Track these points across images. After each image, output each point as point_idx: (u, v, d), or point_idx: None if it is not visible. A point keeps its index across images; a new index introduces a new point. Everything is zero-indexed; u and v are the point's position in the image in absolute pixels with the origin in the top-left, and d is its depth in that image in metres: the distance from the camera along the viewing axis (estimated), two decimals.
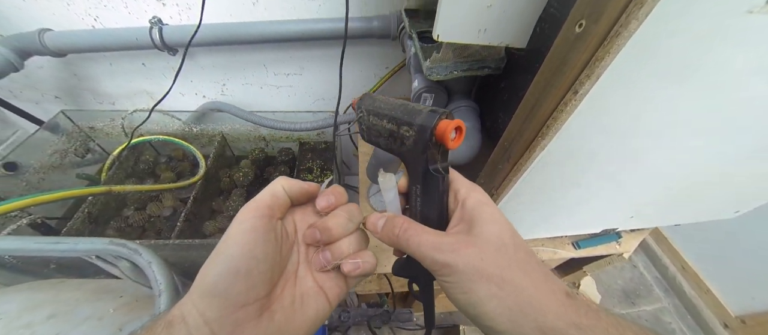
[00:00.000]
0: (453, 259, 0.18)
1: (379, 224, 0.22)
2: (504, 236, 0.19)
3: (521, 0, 0.30)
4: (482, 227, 0.19)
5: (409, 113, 0.20)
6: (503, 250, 0.19)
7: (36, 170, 0.66)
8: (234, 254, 0.18)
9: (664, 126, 0.30)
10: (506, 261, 0.18)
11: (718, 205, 0.51)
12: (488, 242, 0.19)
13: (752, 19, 0.20)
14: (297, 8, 0.62)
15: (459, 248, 0.19)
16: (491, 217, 0.20)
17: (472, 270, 0.18)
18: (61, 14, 0.62)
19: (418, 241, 0.20)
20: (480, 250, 0.18)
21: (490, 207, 0.20)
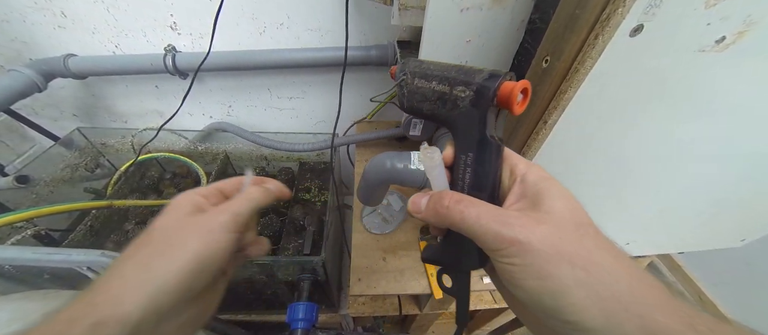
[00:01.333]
0: (525, 235, 0.15)
1: (422, 203, 0.19)
2: (580, 214, 0.16)
3: (499, 35, 0.32)
4: (552, 202, 0.16)
5: (467, 73, 0.18)
6: (584, 229, 0.15)
7: (46, 183, 0.69)
8: (209, 255, 0.19)
9: (644, 154, 0.31)
10: (591, 243, 0.15)
11: (722, 233, 0.50)
12: (564, 219, 0.15)
13: (704, 58, 0.21)
14: (300, 38, 0.67)
15: (530, 224, 0.15)
16: (560, 193, 0.16)
17: (551, 250, 0.14)
18: (86, 41, 0.67)
19: (478, 213, 0.16)
20: (557, 227, 0.15)
21: (555, 183, 0.17)
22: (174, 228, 0.20)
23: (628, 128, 0.27)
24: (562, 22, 0.22)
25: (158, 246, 0.19)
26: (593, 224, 0.16)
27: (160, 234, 0.19)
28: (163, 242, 0.19)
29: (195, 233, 0.19)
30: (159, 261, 0.18)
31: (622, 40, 0.19)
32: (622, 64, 0.21)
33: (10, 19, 0.64)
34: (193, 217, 0.20)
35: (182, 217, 0.20)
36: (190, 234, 0.19)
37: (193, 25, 0.65)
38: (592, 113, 0.25)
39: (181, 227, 0.20)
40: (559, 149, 0.28)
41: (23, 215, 0.40)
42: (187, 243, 0.19)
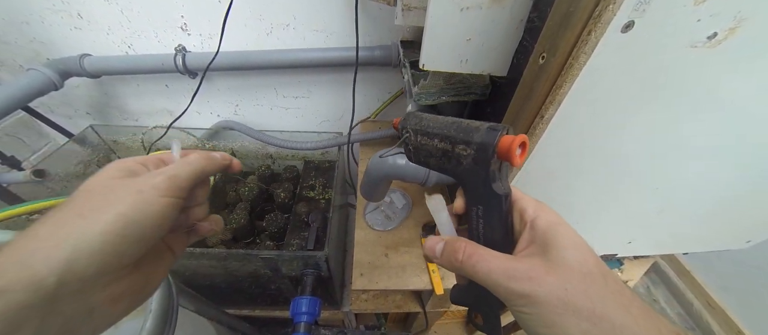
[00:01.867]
0: (532, 289, 0.16)
1: (437, 249, 0.20)
2: (589, 262, 0.17)
3: (498, 34, 0.33)
4: (561, 251, 0.17)
5: (465, 131, 0.18)
6: (591, 279, 0.16)
7: (61, 177, 0.72)
8: (137, 218, 0.17)
9: (644, 150, 0.31)
10: (597, 292, 0.16)
11: (727, 233, 0.50)
12: (571, 269, 0.16)
13: (695, 53, 0.22)
14: (306, 38, 0.68)
15: (538, 276, 0.16)
16: (570, 240, 0.17)
17: (556, 302, 0.16)
18: (101, 42, 0.70)
19: (488, 268, 0.18)
20: (563, 278, 0.16)
21: (565, 228, 0.18)
22: (99, 190, 0.18)
23: (623, 124, 0.28)
24: (558, 19, 0.23)
25: (79, 208, 0.17)
26: (603, 269, 0.17)
27: (83, 196, 0.18)
28: (85, 203, 0.17)
29: (122, 194, 0.18)
30: (79, 221, 0.16)
31: (613, 36, 0.20)
32: (615, 59, 0.22)
33: (30, 20, 0.67)
34: (121, 180, 0.19)
35: (109, 180, 0.19)
36: (116, 195, 0.17)
37: (203, 26, 0.67)
38: (588, 108, 0.26)
39: (108, 189, 0.18)
40: (557, 144, 0.29)
41: (41, 205, 0.42)
42: (113, 204, 0.17)
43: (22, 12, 0.65)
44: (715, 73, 0.24)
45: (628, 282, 0.63)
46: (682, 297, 1.25)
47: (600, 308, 0.15)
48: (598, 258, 0.17)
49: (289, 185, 0.82)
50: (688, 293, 1.25)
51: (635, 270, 0.63)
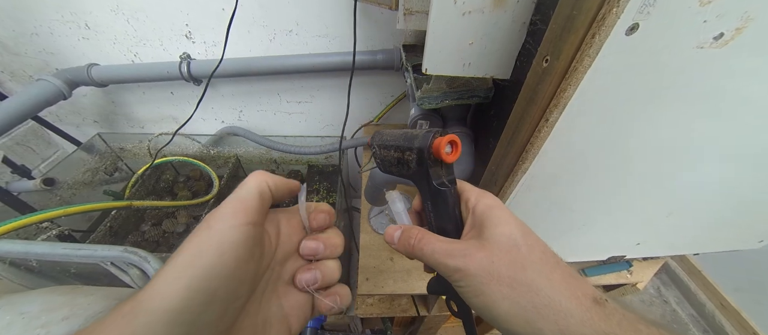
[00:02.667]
0: (464, 263, 0.18)
1: (396, 235, 0.22)
2: (515, 236, 0.18)
3: (501, 37, 0.33)
4: (492, 229, 0.19)
5: (409, 139, 0.21)
6: (515, 251, 0.18)
7: (69, 185, 0.73)
8: (213, 271, 0.15)
9: (648, 152, 0.31)
10: (519, 262, 0.18)
11: (738, 234, 0.49)
12: (498, 244, 0.18)
13: (702, 53, 0.22)
14: (309, 44, 0.69)
15: (470, 253, 0.18)
16: (500, 219, 0.19)
17: (483, 273, 0.18)
18: (108, 51, 0.71)
19: (432, 249, 0.20)
20: (490, 253, 0.18)
21: (499, 210, 0.20)
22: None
23: (631, 126, 0.28)
24: (561, 22, 0.23)
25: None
26: (530, 242, 0.19)
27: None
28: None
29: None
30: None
31: (618, 38, 0.20)
32: (620, 62, 0.22)
33: (39, 32, 0.68)
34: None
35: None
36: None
37: (207, 34, 0.68)
38: (593, 111, 0.25)
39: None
40: (562, 147, 0.29)
41: (50, 215, 0.43)
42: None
43: (31, 24, 0.67)
44: (723, 73, 0.24)
45: (638, 283, 0.62)
46: (694, 299, 1.23)
47: (520, 275, 0.17)
48: (528, 232, 0.19)
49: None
50: (700, 294, 1.22)
51: (645, 272, 0.62)
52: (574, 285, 0.17)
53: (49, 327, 0.30)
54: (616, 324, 0.16)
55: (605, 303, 0.17)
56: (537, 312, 0.17)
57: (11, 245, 0.34)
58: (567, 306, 0.16)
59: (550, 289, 0.17)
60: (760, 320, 1.01)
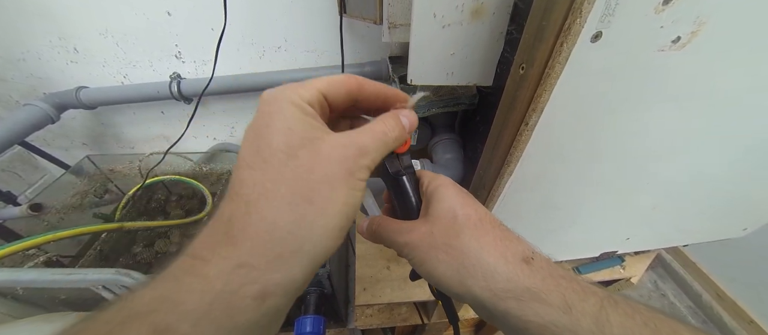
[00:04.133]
0: (409, 237, 0.21)
1: (364, 226, 0.25)
2: (454, 209, 0.20)
3: (481, 47, 0.34)
4: (435, 205, 0.21)
5: None
6: (452, 222, 0.20)
7: (57, 210, 0.71)
8: (328, 243, 0.15)
9: (626, 150, 0.32)
10: (454, 230, 0.20)
11: (722, 223, 0.51)
12: (439, 217, 0.20)
13: (664, 56, 0.24)
14: (298, 59, 0.70)
15: (414, 228, 0.21)
16: (443, 195, 0.21)
17: (424, 244, 0.20)
18: (97, 74, 0.71)
19: (388, 230, 0.22)
20: (432, 225, 0.20)
21: (443, 187, 0.22)
22: (321, 175, 0.15)
23: (607, 126, 0.29)
24: (532, 32, 0.24)
25: (307, 197, 0.15)
26: (467, 212, 0.20)
27: (305, 176, 0.15)
28: (314, 193, 0.15)
29: (343, 184, 0.16)
30: (314, 220, 0.15)
31: (584, 46, 0.22)
32: (589, 67, 0.23)
33: (27, 57, 0.68)
34: (343, 164, 0.16)
35: (329, 161, 0.15)
36: (337, 186, 0.15)
37: (197, 53, 0.69)
38: (569, 114, 0.27)
39: (330, 177, 0.15)
40: (543, 149, 0.30)
41: (38, 241, 0.42)
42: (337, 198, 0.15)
43: (18, 49, 0.67)
44: (688, 71, 0.26)
45: (632, 278, 0.64)
46: (691, 290, 1.24)
47: (454, 241, 0.19)
48: (467, 204, 0.21)
49: None
50: (697, 285, 1.24)
51: (638, 266, 0.63)
52: (503, 246, 0.19)
53: None
54: (541, 279, 0.18)
55: (531, 261, 0.18)
56: (467, 271, 0.19)
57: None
58: (494, 265, 0.18)
59: (479, 250, 0.19)
60: (757, 308, 1.03)
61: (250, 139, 0.15)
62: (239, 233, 0.14)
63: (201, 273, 0.13)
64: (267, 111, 0.15)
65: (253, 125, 0.16)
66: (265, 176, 0.14)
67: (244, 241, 0.13)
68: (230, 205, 0.14)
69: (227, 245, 0.13)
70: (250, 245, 0.13)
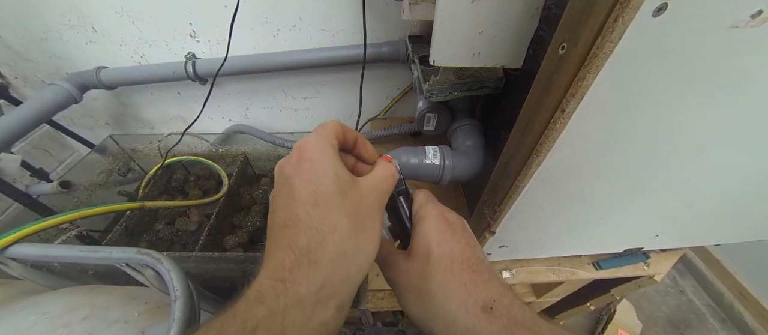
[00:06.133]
0: (390, 274, 0.22)
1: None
2: (430, 246, 0.21)
3: (512, 25, 0.31)
4: (414, 240, 0.22)
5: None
6: (425, 262, 0.21)
7: (86, 187, 0.75)
8: (371, 261, 0.19)
9: (674, 142, 0.29)
10: (425, 273, 0.20)
11: (759, 223, 0.47)
12: (415, 257, 0.21)
13: (737, 33, 0.20)
14: (313, 39, 0.68)
15: (396, 264, 0.22)
16: (421, 230, 0.22)
17: (401, 282, 0.21)
18: (115, 54, 0.72)
19: (379, 260, 0.23)
20: (408, 264, 0.21)
21: (424, 220, 0.22)
22: (366, 211, 0.19)
23: (655, 115, 0.26)
24: (579, 6, 0.21)
25: (356, 235, 0.18)
26: (440, 253, 0.21)
27: (355, 214, 0.18)
28: (359, 230, 0.18)
29: (378, 225, 0.20)
30: (356, 256, 0.18)
31: (644, 20, 0.18)
32: (646, 46, 0.20)
33: (48, 37, 0.69)
34: (378, 205, 0.20)
35: (370, 200, 0.19)
36: (376, 226, 0.19)
37: (211, 33, 0.68)
38: (615, 100, 0.24)
39: (370, 211, 0.19)
40: (579, 138, 0.27)
41: (69, 217, 0.44)
42: (377, 235, 0.19)
43: (40, 29, 0.68)
44: (759, 55, 0.22)
45: (656, 275, 0.61)
46: (711, 288, 1.19)
47: (424, 284, 0.20)
48: (443, 243, 0.21)
49: None
50: (718, 283, 1.19)
51: (663, 264, 0.60)
52: (466, 293, 0.19)
53: (71, 327, 0.31)
54: (497, 331, 0.18)
55: (490, 311, 0.19)
56: (430, 317, 0.20)
57: (30, 249, 0.35)
58: (454, 313, 0.19)
59: (443, 299, 0.19)
60: None
61: (303, 181, 0.18)
62: (319, 260, 0.17)
63: (296, 293, 0.16)
64: (312, 158, 0.18)
65: (302, 169, 0.18)
66: (330, 213, 0.17)
67: (324, 266, 0.17)
68: (305, 236, 0.17)
69: (311, 270, 0.16)
70: (329, 269, 0.17)
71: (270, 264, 0.16)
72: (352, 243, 0.18)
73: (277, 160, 0.77)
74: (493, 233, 0.41)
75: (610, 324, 1.08)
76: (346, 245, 0.17)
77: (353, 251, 0.18)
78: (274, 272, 0.16)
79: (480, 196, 0.42)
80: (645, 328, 1.13)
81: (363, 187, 0.19)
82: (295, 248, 0.16)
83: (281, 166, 0.20)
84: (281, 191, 0.18)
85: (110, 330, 0.32)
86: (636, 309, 1.17)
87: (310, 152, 0.18)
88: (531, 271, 0.57)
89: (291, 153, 0.20)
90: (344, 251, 0.17)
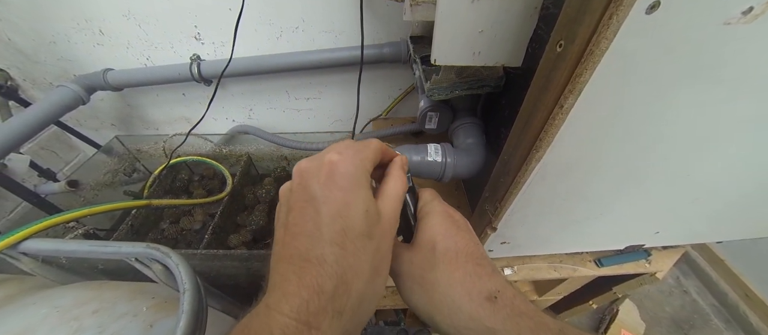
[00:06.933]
0: (394, 264, 0.22)
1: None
2: (435, 239, 0.21)
3: (512, 25, 0.32)
4: (419, 234, 0.22)
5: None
6: (431, 253, 0.21)
7: (92, 186, 0.76)
8: (381, 296, 0.20)
9: (669, 138, 0.30)
10: (430, 263, 0.21)
11: (761, 220, 0.47)
12: (421, 247, 0.22)
13: (729, 30, 0.21)
14: (315, 40, 0.69)
15: (400, 254, 0.22)
16: (427, 225, 0.22)
17: (404, 273, 0.22)
18: (121, 56, 0.73)
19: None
20: (412, 255, 0.22)
21: (430, 216, 0.23)
22: (387, 247, 0.20)
23: (652, 110, 0.26)
24: (575, 5, 0.22)
25: (373, 268, 0.19)
26: (445, 247, 0.21)
27: (374, 248, 0.18)
28: (378, 262, 0.19)
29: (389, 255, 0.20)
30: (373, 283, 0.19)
31: (638, 17, 0.19)
32: (640, 43, 0.21)
33: (57, 39, 0.70)
34: (392, 234, 0.20)
35: (387, 231, 0.19)
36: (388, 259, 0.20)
37: (215, 35, 0.69)
38: (611, 97, 0.25)
39: (389, 245, 0.20)
40: (577, 134, 0.28)
41: (77, 214, 0.45)
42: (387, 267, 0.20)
43: (49, 32, 0.69)
44: (752, 51, 0.23)
45: (658, 273, 0.61)
46: (716, 288, 1.19)
47: (428, 274, 0.20)
48: (448, 237, 0.21)
49: None
50: (723, 283, 1.18)
51: (664, 261, 0.60)
52: (470, 283, 0.20)
53: (81, 320, 0.32)
54: (501, 320, 0.18)
55: (495, 300, 0.19)
56: (434, 306, 0.20)
57: (42, 244, 0.36)
58: (459, 302, 0.19)
59: (448, 287, 0.20)
60: None
61: (331, 213, 0.17)
62: (343, 310, 0.17)
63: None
64: (345, 186, 0.17)
65: (332, 197, 0.17)
66: (356, 259, 0.17)
67: (346, 316, 0.17)
68: (331, 282, 0.16)
69: (334, 321, 0.16)
70: (349, 318, 0.17)
71: (294, 301, 0.16)
72: (371, 289, 0.18)
73: (280, 160, 0.77)
74: (495, 229, 0.41)
75: (613, 324, 1.08)
76: (365, 291, 0.18)
77: (370, 297, 0.18)
78: (298, 313, 0.15)
79: (481, 193, 0.43)
80: (648, 328, 1.13)
81: (384, 221, 0.19)
82: (321, 293, 0.16)
83: (304, 177, 0.18)
84: (305, 212, 0.17)
85: (119, 324, 0.33)
86: (639, 309, 1.17)
87: (343, 177, 0.17)
88: (533, 268, 0.57)
89: (318, 163, 0.18)
90: (363, 298, 0.18)
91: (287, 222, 0.18)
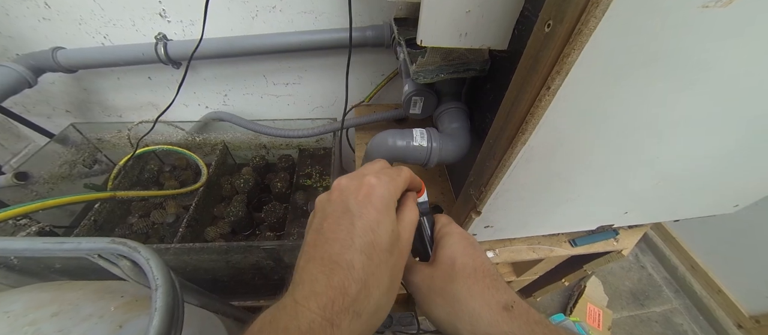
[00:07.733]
0: (415, 278, 0.24)
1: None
2: (455, 256, 0.24)
3: (499, 5, 0.32)
4: (439, 252, 0.25)
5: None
6: (451, 269, 0.23)
7: (46, 180, 0.69)
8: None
9: (648, 121, 0.31)
10: (450, 277, 0.23)
11: (716, 199, 0.51)
12: (441, 263, 0.24)
13: (707, 14, 0.21)
14: (294, 21, 0.65)
15: (421, 270, 0.24)
16: (447, 243, 0.25)
17: (425, 287, 0.24)
18: (73, 33, 0.65)
19: (406, 267, 0.25)
20: (433, 270, 0.24)
21: (449, 236, 0.25)
22: (401, 262, 0.22)
23: (632, 94, 0.27)
24: None
25: (387, 280, 0.20)
26: (463, 263, 0.23)
27: (391, 263, 0.20)
28: (393, 277, 0.21)
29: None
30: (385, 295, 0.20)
31: None
32: (625, 24, 0.21)
33: None
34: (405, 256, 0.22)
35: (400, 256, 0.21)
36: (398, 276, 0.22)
37: (183, 12, 0.64)
38: (596, 78, 0.25)
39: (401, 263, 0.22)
40: (563, 116, 0.28)
41: (28, 208, 0.40)
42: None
43: None
44: (721, 35, 0.24)
45: (623, 250, 0.65)
46: (668, 263, 1.31)
47: (449, 287, 0.23)
48: (467, 254, 0.24)
49: (286, 175, 0.81)
50: (674, 258, 1.30)
51: (630, 239, 0.65)
52: (489, 294, 0.22)
53: (37, 324, 0.29)
54: (517, 326, 0.20)
55: (511, 309, 0.21)
56: (456, 315, 0.22)
57: None
58: (479, 310, 0.21)
59: (468, 298, 0.22)
60: (727, 280, 1.09)
61: (364, 227, 0.19)
62: (362, 313, 0.18)
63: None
64: (379, 207, 0.20)
65: (367, 214, 0.20)
66: (379, 270, 0.19)
67: (363, 319, 0.18)
68: (356, 286, 0.18)
69: (353, 321, 0.18)
70: (365, 321, 0.19)
71: (321, 299, 0.17)
72: (386, 299, 0.20)
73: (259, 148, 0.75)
74: (479, 214, 0.42)
75: (581, 299, 1.16)
76: (381, 301, 0.19)
77: (384, 306, 0.20)
78: (324, 310, 0.17)
79: (465, 179, 0.43)
80: (611, 301, 1.23)
81: (402, 242, 0.21)
82: (345, 294, 0.18)
83: (344, 192, 0.21)
84: (340, 221, 0.20)
85: (83, 326, 0.30)
86: (603, 284, 1.27)
87: (378, 199, 0.20)
88: (513, 250, 0.59)
89: (358, 183, 0.21)
90: (379, 306, 0.19)
91: (322, 228, 0.20)
